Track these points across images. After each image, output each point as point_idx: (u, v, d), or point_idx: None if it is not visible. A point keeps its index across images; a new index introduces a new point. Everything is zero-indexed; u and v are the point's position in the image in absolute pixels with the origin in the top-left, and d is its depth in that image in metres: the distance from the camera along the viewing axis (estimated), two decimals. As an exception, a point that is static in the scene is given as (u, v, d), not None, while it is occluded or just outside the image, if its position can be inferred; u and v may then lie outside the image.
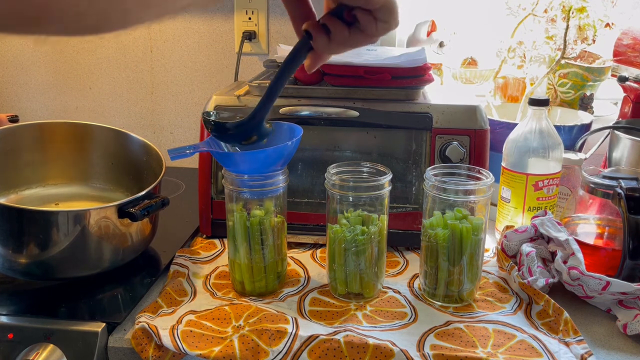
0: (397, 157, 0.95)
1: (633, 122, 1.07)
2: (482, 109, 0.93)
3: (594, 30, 1.12)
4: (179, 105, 1.47)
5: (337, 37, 0.56)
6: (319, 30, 0.57)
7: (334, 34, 0.56)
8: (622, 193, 0.80)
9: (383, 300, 0.80)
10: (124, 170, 1.01)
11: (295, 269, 0.90)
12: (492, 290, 0.83)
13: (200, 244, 0.97)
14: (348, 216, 0.79)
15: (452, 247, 0.77)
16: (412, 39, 1.27)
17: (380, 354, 0.67)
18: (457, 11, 1.35)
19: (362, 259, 0.79)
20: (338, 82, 0.95)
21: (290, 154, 0.79)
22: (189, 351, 0.69)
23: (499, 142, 1.01)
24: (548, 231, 0.85)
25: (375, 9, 0.54)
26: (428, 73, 0.95)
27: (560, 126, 1.06)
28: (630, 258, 0.78)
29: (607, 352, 0.70)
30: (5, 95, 1.52)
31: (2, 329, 0.74)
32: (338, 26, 0.56)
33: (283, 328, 0.71)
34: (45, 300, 0.81)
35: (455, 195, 0.77)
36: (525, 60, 1.19)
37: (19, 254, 0.80)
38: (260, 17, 1.36)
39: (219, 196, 0.97)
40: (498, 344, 0.69)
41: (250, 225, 0.79)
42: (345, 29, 0.56)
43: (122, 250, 0.85)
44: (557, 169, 0.94)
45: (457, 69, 1.29)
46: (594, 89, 1.23)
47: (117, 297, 0.83)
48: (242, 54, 1.36)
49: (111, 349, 0.73)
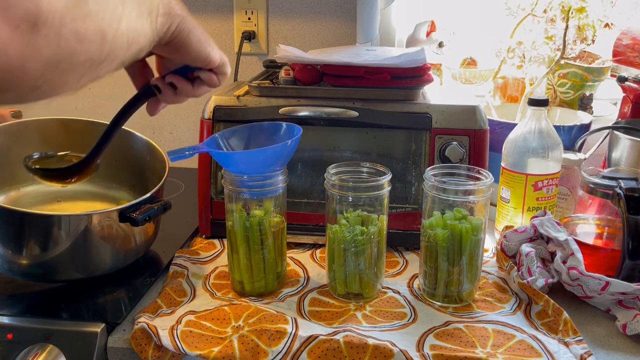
0: (397, 157, 0.95)
1: (632, 122, 1.07)
2: (481, 109, 0.93)
3: (594, 31, 1.12)
4: (179, 105, 1.46)
5: (183, 92, 0.67)
6: (166, 86, 0.66)
7: (180, 89, 0.66)
8: (621, 193, 0.80)
9: (382, 301, 0.80)
10: (127, 169, 1.01)
11: (294, 269, 0.90)
12: (491, 290, 0.83)
13: (200, 244, 0.97)
14: (347, 216, 0.79)
15: (451, 247, 0.77)
16: (412, 39, 1.27)
17: (380, 354, 0.67)
18: (456, 11, 1.35)
19: (361, 259, 0.79)
20: (337, 82, 0.95)
21: (290, 154, 0.79)
22: (189, 351, 0.69)
23: (498, 142, 1.01)
24: (547, 231, 0.85)
25: (215, 67, 0.65)
26: (427, 73, 0.95)
27: (560, 126, 1.06)
28: (630, 258, 0.78)
29: (607, 352, 0.70)
30: (4, 96, 1.52)
31: (1, 329, 0.74)
32: (183, 83, 0.66)
33: (282, 328, 0.71)
34: (44, 300, 0.81)
35: (454, 195, 0.77)
36: (524, 60, 1.19)
37: (18, 256, 0.80)
38: (260, 17, 1.36)
39: (219, 196, 0.97)
40: (497, 344, 0.69)
41: (249, 225, 0.79)
42: (189, 84, 0.66)
43: (125, 253, 0.85)
44: (556, 169, 0.94)
45: (456, 69, 1.29)
46: (594, 89, 1.23)
47: (117, 297, 0.83)
48: (242, 54, 1.36)
49: (110, 350, 0.73)
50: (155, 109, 0.70)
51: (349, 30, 1.35)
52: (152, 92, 0.67)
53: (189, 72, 0.65)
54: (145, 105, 0.69)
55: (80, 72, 0.43)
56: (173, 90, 0.66)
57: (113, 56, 0.46)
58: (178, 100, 0.68)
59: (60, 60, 0.40)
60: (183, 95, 0.68)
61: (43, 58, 0.39)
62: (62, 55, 0.40)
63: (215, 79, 0.66)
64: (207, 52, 0.62)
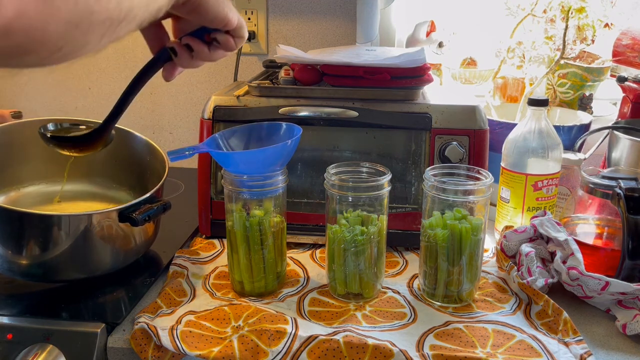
0: (397, 157, 0.95)
1: (632, 122, 1.07)
2: (481, 109, 0.93)
3: (593, 31, 1.12)
4: (179, 105, 1.47)
5: (199, 55, 0.66)
6: (183, 48, 0.66)
7: (196, 52, 0.66)
8: (621, 193, 0.80)
9: (382, 301, 0.80)
10: (127, 169, 1.01)
11: (294, 269, 0.90)
12: (491, 290, 0.83)
13: (200, 244, 0.97)
14: (347, 216, 0.79)
15: (451, 247, 0.77)
16: (412, 39, 1.27)
17: (380, 354, 0.67)
18: (456, 11, 1.35)
19: (361, 259, 0.79)
20: (337, 82, 0.95)
21: (290, 154, 0.79)
22: (189, 351, 0.69)
23: (498, 142, 1.01)
24: (547, 231, 0.85)
25: (232, 29, 0.64)
26: (427, 73, 0.95)
27: (560, 126, 1.06)
28: (630, 258, 0.78)
29: (607, 352, 0.70)
30: (5, 95, 1.52)
31: (1, 330, 0.74)
32: (200, 45, 0.65)
33: (282, 328, 0.71)
34: (44, 300, 0.81)
35: (454, 195, 0.77)
36: (524, 60, 1.19)
37: (18, 256, 0.80)
38: (260, 17, 1.36)
39: (219, 196, 0.97)
40: (497, 344, 0.69)
41: (249, 225, 0.79)
42: (206, 47, 0.65)
43: (125, 253, 0.85)
44: (556, 169, 0.94)
45: (456, 69, 1.29)
46: (593, 89, 1.23)
47: (117, 297, 0.83)
48: (242, 54, 1.35)
49: (110, 350, 0.73)
50: (172, 74, 0.69)
51: (349, 30, 1.35)
52: (168, 56, 0.66)
53: (206, 34, 0.64)
54: (159, 79, 0.67)
55: (101, 32, 0.43)
56: (189, 53, 0.66)
57: (132, 15, 0.46)
58: (194, 64, 0.67)
59: (80, 20, 0.40)
60: (199, 59, 0.67)
61: (62, 18, 0.39)
62: (81, 14, 0.40)
63: (232, 41, 0.65)
64: (225, 12, 0.61)
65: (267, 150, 0.77)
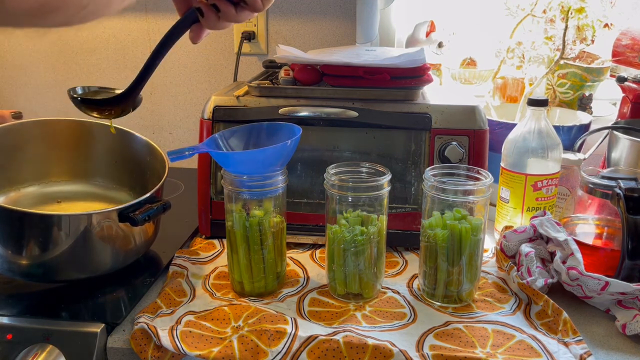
0: (396, 158, 0.95)
1: (632, 122, 1.07)
2: (481, 110, 0.93)
3: (593, 31, 1.12)
4: (178, 105, 1.47)
5: (226, 15, 0.65)
6: (210, 9, 0.65)
7: (223, 12, 0.65)
8: (620, 193, 0.80)
9: (382, 301, 0.81)
10: (126, 169, 1.01)
11: (294, 269, 0.90)
12: (491, 290, 0.83)
13: (200, 245, 0.97)
14: (347, 216, 0.79)
15: (451, 247, 0.77)
16: (411, 39, 1.27)
17: (380, 354, 0.67)
18: (456, 11, 1.35)
19: (361, 259, 0.79)
20: (337, 82, 0.95)
21: (289, 154, 0.79)
22: (188, 352, 0.69)
23: (498, 143, 1.01)
24: (547, 231, 0.85)
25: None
26: (427, 73, 0.95)
27: (559, 126, 1.06)
28: (629, 258, 0.78)
29: (606, 353, 0.70)
30: (5, 96, 1.52)
31: (1, 330, 0.74)
32: (227, 6, 0.65)
33: (282, 328, 0.71)
34: (44, 300, 0.81)
35: (454, 195, 0.77)
36: (524, 60, 1.19)
37: (18, 256, 0.80)
38: (260, 17, 1.36)
39: (218, 196, 0.97)
40: (497, 344, 0.69)
41: (249, 225, 0.79)
42: (233, 7, 0.65)
43: (124, 253, 0.85)
44: (556, 169, 0.94)
45: (456, 70, 1.29)
46: (593, 89, 1.23)
47: (117, 297, 0.83)
48: (241, 54, 1.36)
49: (110, 350, 0.73)
50: (199, 35, 0.69)
51: (349, 30, 1.35)
52: (195, 16, 0.66)
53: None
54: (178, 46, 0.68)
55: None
56: (216, 14, 0.66)
57: None
58: (221, 25, 0.67)
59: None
60: (225, 20, 0.66)
61: None
62: None
63: (259, 1, 0.65)
64: None
65: (267, 150, 0.77)
